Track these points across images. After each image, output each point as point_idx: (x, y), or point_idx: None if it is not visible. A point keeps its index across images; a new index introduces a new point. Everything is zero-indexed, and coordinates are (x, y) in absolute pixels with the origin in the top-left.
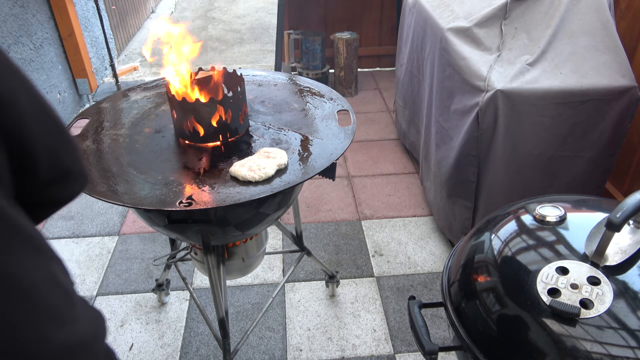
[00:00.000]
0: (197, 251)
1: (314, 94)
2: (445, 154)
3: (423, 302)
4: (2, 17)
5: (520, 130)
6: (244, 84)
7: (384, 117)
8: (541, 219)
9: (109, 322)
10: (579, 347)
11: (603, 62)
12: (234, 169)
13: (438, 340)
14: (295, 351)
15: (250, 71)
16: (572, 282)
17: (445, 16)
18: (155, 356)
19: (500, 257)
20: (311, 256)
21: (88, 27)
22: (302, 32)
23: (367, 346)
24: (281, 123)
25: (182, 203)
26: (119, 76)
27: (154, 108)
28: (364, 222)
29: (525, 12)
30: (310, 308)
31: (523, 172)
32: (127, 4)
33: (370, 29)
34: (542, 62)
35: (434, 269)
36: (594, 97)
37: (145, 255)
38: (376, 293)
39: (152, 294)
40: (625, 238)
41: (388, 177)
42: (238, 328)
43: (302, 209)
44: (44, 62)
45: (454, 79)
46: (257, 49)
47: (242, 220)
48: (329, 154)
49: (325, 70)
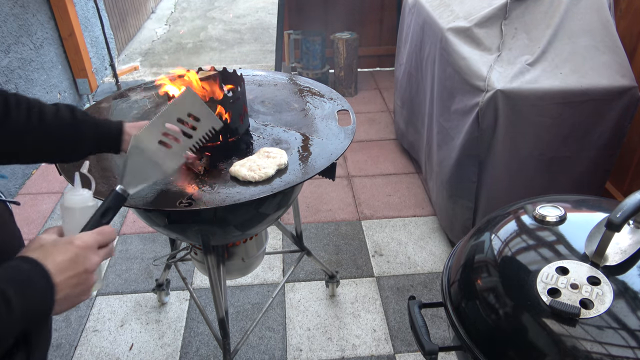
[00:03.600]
0: (197, 251)
1: (314, 94)
2: (447, 154)
3: (423, 302)
4: (2, 17)
5: (521, 130)
6: (244, 84)
7: (384, 117)
8: (541, 219)
9: (109, 322)
10: (579, 347)
11: (603, 62)
12: (234, 169)
13: (438, 340)
14: (295, 351)
15: (250, 71)
16: (572, 282)
17: (445, 16)
18: (155, 356)
19: (500, 257)
20: (311, 256)
21: (88, 27)
22: (302, 32)
23: (367, 346)
24: (281, 123)
25: (182, 203)
26: (119, 76)
27: (154, 108)
28: (364, 222)
29: (525, 12)
30: (310, 308)
31: (523, 171)
32: (127, 4)
33: (370, 29)
34: (542, 62)
35: (434, 269)
36: (594, 97)
37: (145, 255)
38: (376, 293)
39: (152, 294)
40: (625, 238)
41: (388, 177)
42: (238, 328)
43: (302, 209)
44: (44, 62)
45: (454, 79)
46: (257, 49)
47: (242, 220)
48: (329, 154)
49: (325, 70)
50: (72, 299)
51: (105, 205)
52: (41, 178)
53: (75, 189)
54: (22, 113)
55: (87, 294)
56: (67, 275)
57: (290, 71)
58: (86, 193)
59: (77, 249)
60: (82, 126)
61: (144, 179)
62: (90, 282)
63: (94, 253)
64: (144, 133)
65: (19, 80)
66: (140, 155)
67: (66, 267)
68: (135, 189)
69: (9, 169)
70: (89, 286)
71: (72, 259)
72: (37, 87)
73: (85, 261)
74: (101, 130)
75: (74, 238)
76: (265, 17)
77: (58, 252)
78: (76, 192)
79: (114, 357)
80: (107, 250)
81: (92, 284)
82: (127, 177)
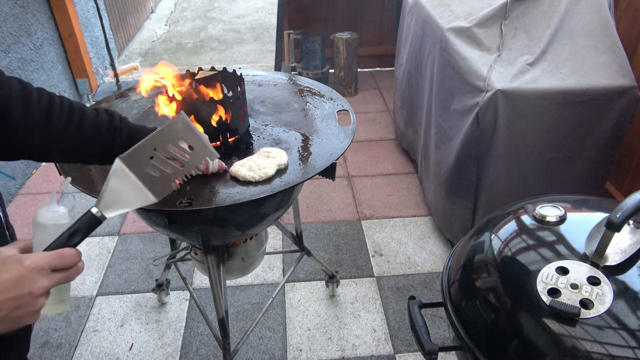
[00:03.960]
0: (197, 251)
1: (314, 94)
2: (445, 154)
3: (423, 302)
4: (2, 17)
5: (520, 130)
6: (244, 84)
7: (384, 117)
8: (541, 219)
9: (109, 322)
10: (579, 347)
11: (603, 62)
12: (234, 169)
13: (438, 340)
14: (295, 351)
15: (250, 71)
16: (572, 282)
17: (446, 16)
18: (155, 356)
19: (500, 257)
20: (311, 256)
21: (88, 27)
22: (302, 32)
23: (367, 346)
24: (281, 123)
25: (182, 203)
26: (119, 76)
27: (154, 108)
28: (364, 222)
29: (525, 12)
30: (310, 308)
31: (523, 171)
32: (127, 4)
33: (370, 29)
34: (542, 62)
35: (434, 269)
36: (594, 97)
37: (145, 255)
38: (376, 293)
39: (152, 294)
40: (625, 238)
41: (388, 177)
42: (238, 328)
43: (302, 209)
44: (44, 62)
45: (454, 79)
46: (257, 49)
47: (242, 220)
48: (329, 154)
49: (325, 70)
50: (12, 320)
51: (75, 226)
52: (41, 178)
53: (50, 205)
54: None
55: (32, 317)
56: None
57: (290, 71)
58: (61, 210)
59: (25, 269)
60: (117, 133)
61: (125, 204)
62: (34, 306)
63: (43, 276)
64: (130, 155)
65: None
66: (124, 178)
67: (7, 288)
68: (113, 213)
69: (9, 168)
70: (32, 310)
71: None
72: None
73: (31, 283)
74: (135, 137)
75: (24, 257)
76: (265, 17)
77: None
78: (50, 208)
79: (114, 357)
80: (63, 275)
81: (38, 308)
82: (106, 200)
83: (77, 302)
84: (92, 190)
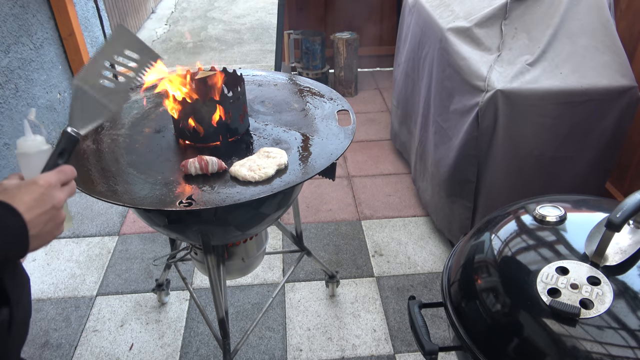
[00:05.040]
0: (197, 251)
1: (314, 94)
2: (444, 154)
3: (423, 302)
4: (2, 17)
5: (520, 130)
6: (244, 84)
7: (384, 117)
8: (541, 219)
9: (109, 322)
10: (579, 347)
11: (603, 62)
12: (234, 169)
13: (438, 340)
14: (295, 351)
15: (250, 71)
16: (572, 282)
17: (445, 16)
18: (155, 356)
19: (500, 257)
20: (311, 256)
21: (88, 27)
22: (302, 32)
23: (367, 346)
24: (281, 123)
25: (182, 203)
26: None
27: (154, 108)
28: (364, 222)
29: (525, 12)
30: (310, 308)
31: (523, 172)
32: (127, 4)
33: (370, 29)
34: (542, 62)
35: (434, 269)
36: (594, 97)
37: (145, 255)
38: (376, 293)
39: (152, 294)
40: (625, 238)
41: (388, 177)
42: (238, 328)
43: (302, 209)
44: (44, 62)
45: (453, 79)
46: (257, 49)
47: (242, 220)
48: (329, 154)
49: (325, 70)
50: (45, 235)
51: (60, 147)
52: None
53: (26, 136)
54: None
55: (59, 229)
56: (36, 212)
57: (290, 71)
58: (39, 138)
59: (42, 187)
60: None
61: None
62: (60, 218)
63: (58, 190)
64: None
65: (19, 80)
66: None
67: (35, 205)
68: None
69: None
70: (59, 222)
71: (38, 197)
72: (37, 87)
73: (51, 198)
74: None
75: (37, 178)
76: (265, 17)
77: (24, 193)
78: (28, 138)
79: (114, 357)
80: (69, 187)
81: (62, 219)
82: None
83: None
84: (92, 191)
